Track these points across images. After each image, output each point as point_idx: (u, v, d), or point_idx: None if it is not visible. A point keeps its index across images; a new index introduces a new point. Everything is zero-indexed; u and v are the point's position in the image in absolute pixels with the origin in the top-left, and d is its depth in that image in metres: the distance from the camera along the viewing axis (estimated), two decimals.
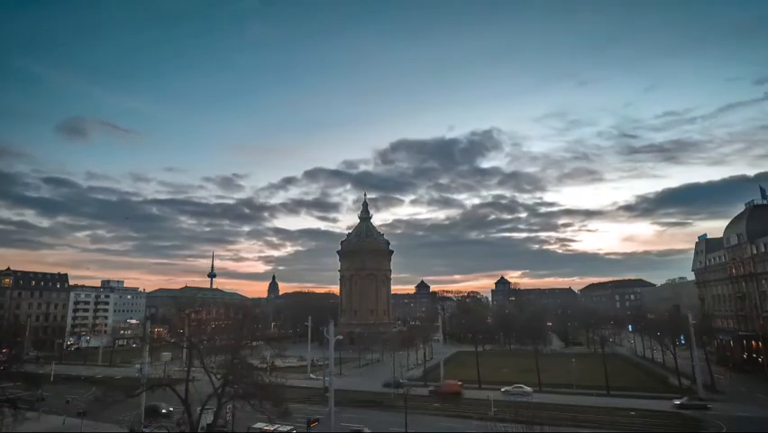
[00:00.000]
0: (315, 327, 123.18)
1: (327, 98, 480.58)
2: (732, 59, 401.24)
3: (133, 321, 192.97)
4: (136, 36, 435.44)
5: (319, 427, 54.24)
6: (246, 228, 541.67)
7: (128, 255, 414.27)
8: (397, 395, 70.82)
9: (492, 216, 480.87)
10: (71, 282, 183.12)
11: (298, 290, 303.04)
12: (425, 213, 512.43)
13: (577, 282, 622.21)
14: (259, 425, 51.73)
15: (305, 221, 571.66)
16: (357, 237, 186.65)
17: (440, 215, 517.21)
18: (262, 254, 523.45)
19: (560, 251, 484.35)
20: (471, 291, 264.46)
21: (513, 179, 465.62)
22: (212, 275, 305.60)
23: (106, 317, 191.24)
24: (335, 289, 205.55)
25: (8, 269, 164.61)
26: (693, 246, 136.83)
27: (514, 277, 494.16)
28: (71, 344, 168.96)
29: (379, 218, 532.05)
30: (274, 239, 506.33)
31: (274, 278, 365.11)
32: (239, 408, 46.57)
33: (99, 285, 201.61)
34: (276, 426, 50.82)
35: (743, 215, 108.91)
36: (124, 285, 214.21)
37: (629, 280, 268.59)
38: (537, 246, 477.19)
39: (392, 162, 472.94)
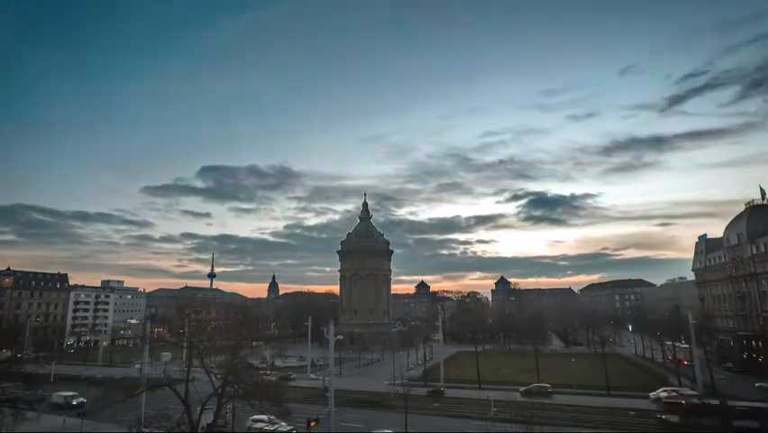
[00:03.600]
0: (315, 327, 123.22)
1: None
2: (518, 88, 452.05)
3: (133, 321, 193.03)
4: None
5: (319, 427, 54.19)
6: (156, 234, 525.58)
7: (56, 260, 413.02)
8: (397, 395, 70.75)
9: (382, 219, 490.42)
10: None
11: (298, 290, 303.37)
12: (310, 217, 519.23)
13: (531, 283, 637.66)
14: (259, 425, 51.72)
15: (193, 226, 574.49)
16: (357, 237, 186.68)
17: (322, 219, 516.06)
18: (192, 257, 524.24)
19: (486, 255, 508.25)
20: (471, 291, 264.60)
21: (369, 194, 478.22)
22: (212, 275, 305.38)
23: (106, 317, 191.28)
24: (335, 289, 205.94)
25: (8, 269, 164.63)
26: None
27: (476, 279, 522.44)
28: (70, 344, 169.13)
29: (251, 225, 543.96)
30: (189, 243, 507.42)
31: (274, 278, 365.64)
32: (239, 408, 46.57)
33: (99, 285, 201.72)
34: (276, 426, 50.84)
35: (743, 215, 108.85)
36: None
37: (629, 280, 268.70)
38: (463, 248, 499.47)
39: (227, 179, 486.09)
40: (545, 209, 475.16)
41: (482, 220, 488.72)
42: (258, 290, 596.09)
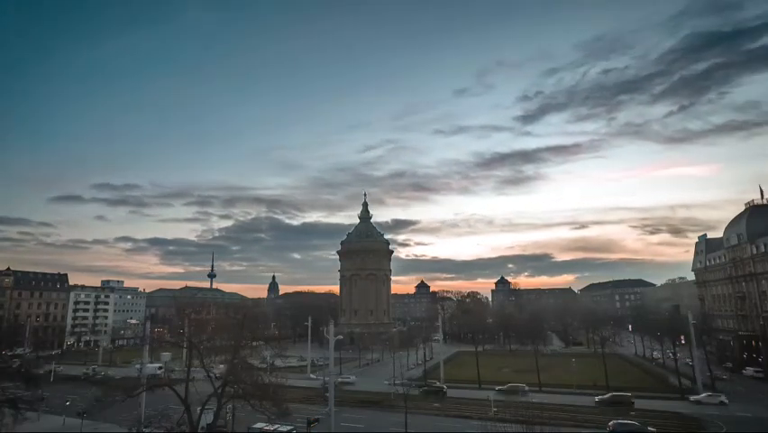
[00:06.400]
0: (315, 327, 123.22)
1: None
2: (384, 106, 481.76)
3: (133, 321, 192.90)
4: None
5: (319, 426, 54.24)
6: (88, 238, 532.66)
7: None
8: (397, 395, 70.75)
9: (296, 223, 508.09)
10: None
11: (298, 290, 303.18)
12: (216, 220, 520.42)
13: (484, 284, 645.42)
14: (259, 425, 51.71)
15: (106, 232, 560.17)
16: (357, 237, 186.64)
17: (229, 222, 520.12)
18: (134, 259, 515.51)
19: (427, 257, 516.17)
20: (471, 291, 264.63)
21: (270, 202, 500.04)
22: (212, 275, 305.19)
23: (106, 317, 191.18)
24: (335, 289, 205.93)
25: (8, 269, 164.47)
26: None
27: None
28: (70, 344, 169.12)
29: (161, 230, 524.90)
30: (125, 245, 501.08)
31: (274, 278, 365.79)
32: (239, 408, 46.55)
33: (99, 285, 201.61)
34: (276, 426, 50.82)
35: (743, 215, 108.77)
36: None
37: (629, 280, 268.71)
38: (407, 251, 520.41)
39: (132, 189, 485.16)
40: (453, 216, 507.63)
41: (401, 225, 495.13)
42: (258, 290, 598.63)
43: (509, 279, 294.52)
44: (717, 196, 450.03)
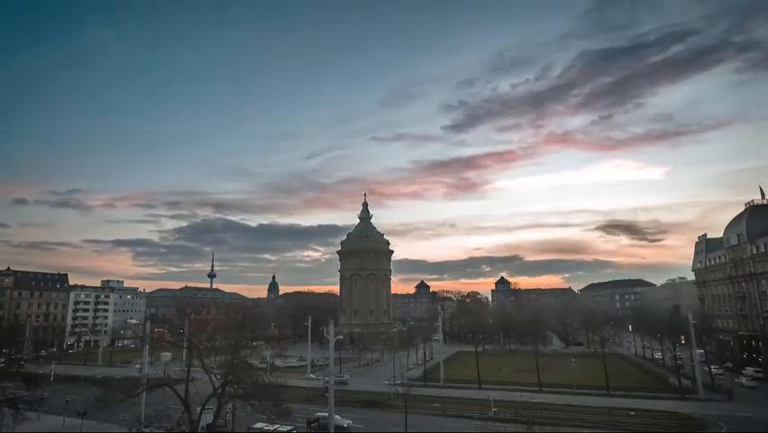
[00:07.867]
0: (315, 327, 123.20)
1: None
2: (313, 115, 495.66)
3: (133, 321, 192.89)
4: None
5: (319, 427, 54.31)
6: (50, 240, 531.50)
7: None
8: (396, 395, 70.79)
9: (253, 224, 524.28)
10: None
11: (298, 290, 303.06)
12: (167, 222, 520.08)
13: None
14: (259, 425, 51.74)
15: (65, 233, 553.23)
16: (357, 237, 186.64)
17: (181, 222, 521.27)
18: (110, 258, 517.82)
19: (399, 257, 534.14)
20: (471, 291, 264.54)
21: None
22: (212, 275, 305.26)
23: (106, 318, 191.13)
24: (335, 289, 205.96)
25: (8, 269, 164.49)
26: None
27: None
28: (70, 344, 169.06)
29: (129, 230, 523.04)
30: (93, 246, 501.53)
31: (274, 278, 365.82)
32: (239, 408, 46.56)
33: (99, 285, 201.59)
34: (276, 426, 50.85)
35: (743, 215, 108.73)
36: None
37: (629, 280, 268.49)
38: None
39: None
40: (412, 220, 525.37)
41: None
42: (258, 290, 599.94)
43: (509, 279, 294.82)
44: (673, 199, 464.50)
